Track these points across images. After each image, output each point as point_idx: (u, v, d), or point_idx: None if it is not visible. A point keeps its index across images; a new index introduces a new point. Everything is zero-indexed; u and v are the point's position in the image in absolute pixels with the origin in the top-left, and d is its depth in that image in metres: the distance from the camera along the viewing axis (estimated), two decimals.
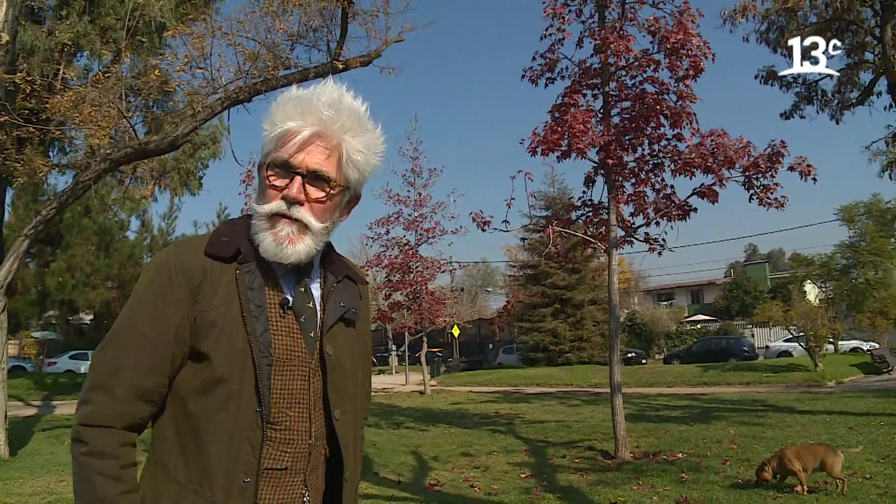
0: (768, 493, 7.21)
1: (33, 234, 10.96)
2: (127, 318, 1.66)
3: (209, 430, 1.63)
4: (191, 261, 1.67)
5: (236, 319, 1.65)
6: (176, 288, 1.64)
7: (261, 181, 1.74)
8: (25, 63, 10.89)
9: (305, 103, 1.67)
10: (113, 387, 1.60)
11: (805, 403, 16.00)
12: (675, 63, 9.99)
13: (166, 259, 1.68)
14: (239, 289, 1.67)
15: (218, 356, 1.63)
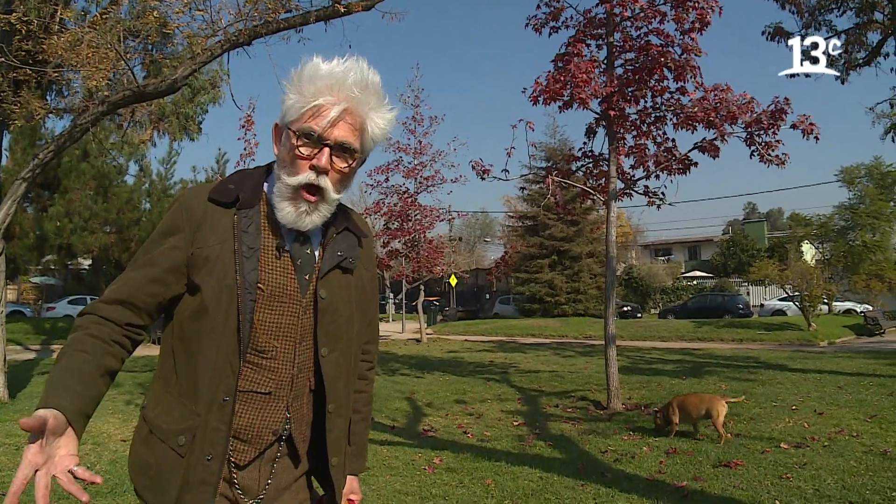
0: (756, 447, 7.32)
1: (31, 177, 10.90)
2: (143, 246, 1.91)
3: (198, 353, 1.81)
4: (195, 203, 1.85)
5: (228, 257, 1.81)
6: (180, 225, 1.85)
7: (289, 149, 1.83)
8: (22, 4, 10.73)
9: (337, 82, 1.79)
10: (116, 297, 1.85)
11: (797, 362, 16.12)
12: (682, 15, 9.89)
13: (179, 199, 1.91)
14: (235, 231, 1.83)
15: (207, 288, 1.81)
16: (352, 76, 1.81)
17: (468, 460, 7.01)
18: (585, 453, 7.38)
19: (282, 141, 1.86)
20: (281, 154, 1.86)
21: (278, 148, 1.88)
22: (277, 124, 1.89)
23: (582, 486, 5.95)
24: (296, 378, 1.92)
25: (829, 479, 5.98)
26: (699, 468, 6.55)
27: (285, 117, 1.84)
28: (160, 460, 1.81)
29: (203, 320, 1.81)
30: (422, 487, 6.04)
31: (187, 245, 1.82)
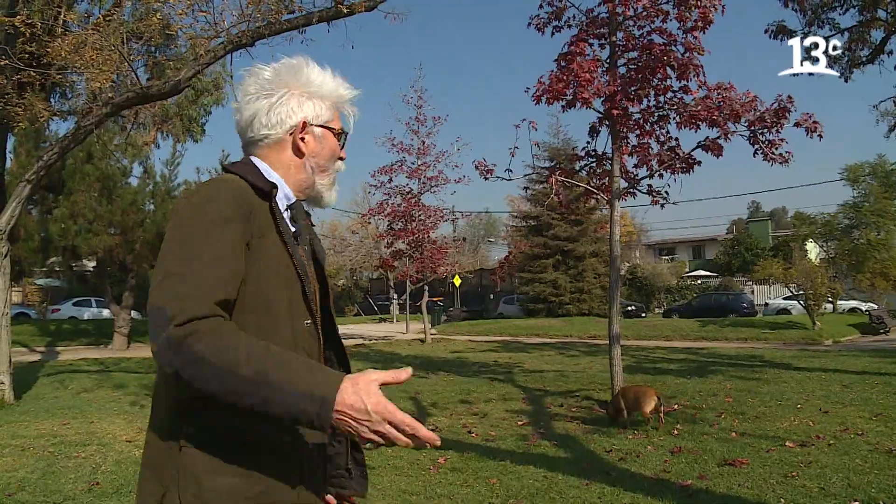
0: (761, 445, 7.31)
1: (35, 179, 10.93)
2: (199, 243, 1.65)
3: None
4: (244, 193, 1.79)
5: (278, 246, 1.82)
6: (235, 214, 1.73)
7: (333, 143, 2.04)
8: (25, 7, 10.76)
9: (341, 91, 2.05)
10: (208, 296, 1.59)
11: (802, 360, 16.09)
12: (684, 14, 9.87)
13: (223, 189, 1.77)
14: (276, 220, 1.85)
15: (270, 278, 1.79)
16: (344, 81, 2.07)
17: (473, 460, 7.02)
18: (590, 452, 7.38)
19: (316, 135, 2.00)
20: (318, 147, 2.01)
21: (314, 141, 2.00)
22: (306, 120, 1.98)
23: (587, 485, 5.95)
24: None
25: (834, 477, 5.97)
26: (704, 467, 6.54)
27: (319, 117, 2.00)
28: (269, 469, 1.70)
29: (262, 313, 1.75)
30: (427, 487, 6.05)
31: (247, 234, 1.74)
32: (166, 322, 1.52)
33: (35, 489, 5.97)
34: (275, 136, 1.95)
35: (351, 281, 67.42)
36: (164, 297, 1.57)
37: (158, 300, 1.58)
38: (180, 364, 1.53)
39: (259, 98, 1.95)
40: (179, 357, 1.52)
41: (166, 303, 1.55)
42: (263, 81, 1.96)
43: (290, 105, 1.95)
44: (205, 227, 1.67)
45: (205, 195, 1.75)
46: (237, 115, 1.99)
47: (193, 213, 1.71)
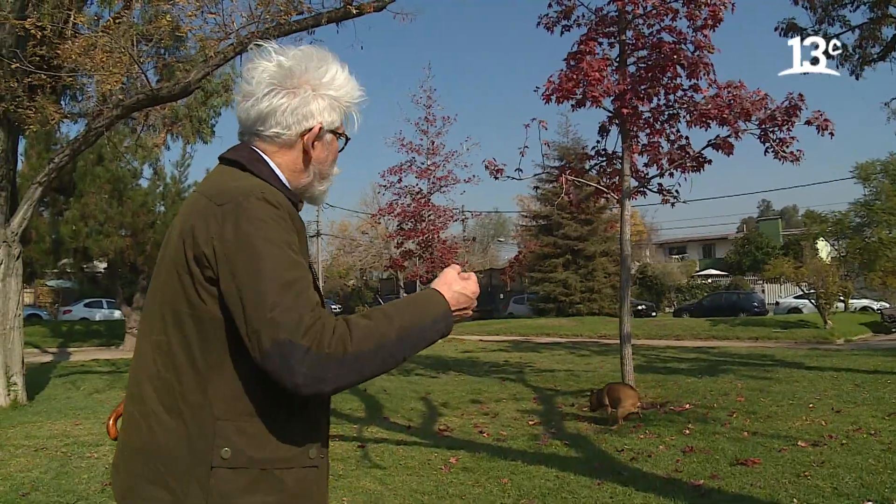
0: (773, 445, 7.28)
1: (46, 181, 10.98)
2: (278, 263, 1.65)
3: None
4: (290, 207, 1.79)
5: (308, 257, 1.82)
6: (292, 230, 1.74)
7: (333, 149, 1.99)
8: (35, 10, 10.80)
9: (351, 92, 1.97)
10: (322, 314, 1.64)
11: (813, 360, 16.02)
12: (694, 12, 9.85)
13: (278, 206, 1.73)
14: (298, 232, 1.79)
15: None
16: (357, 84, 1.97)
17: (484, 460, 7.01)
18: (601, 452, 7.37)
19: (326, 141, 1.95)
20: (325, 154, 1.97)
21: (322, 148, 1.95)
22: (322, 126, 1.90)
23: (598, 485, 5.94)
24: None
25: (847, 477, 5.94)
26: (716, 466, 6.52)
27: (332, 124, 1.93)
28: (297, 486, 1.74)
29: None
30: (438, 487, 6.05)
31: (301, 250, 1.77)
32: (305, 353, 1.55)
33: (48, 489, 6.00)
34: (286, 137, 1.87)
35: (361, 281, 67.47)
36: (283, 331, 1.56)
37: (282, 334, 1.56)
38: (347, 373, 1.61)
39: (279, 93, 1.84)
40: (346, 368, 1.60)
41: (292, 335, 1.56)
42: (286, 73, 1.86)
43: (311, 108, 1.87)
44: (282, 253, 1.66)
45: (264, 216, 1.69)
46: (248, 101, 1.87)
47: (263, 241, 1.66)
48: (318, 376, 1.57)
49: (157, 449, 1.71)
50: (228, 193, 1.72)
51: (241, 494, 1.65)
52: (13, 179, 11.24)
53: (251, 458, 1.67)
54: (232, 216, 1.67)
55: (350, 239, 61.67)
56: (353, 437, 8.35)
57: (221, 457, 1.65)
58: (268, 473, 1.68)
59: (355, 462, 7.04)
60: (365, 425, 9.07)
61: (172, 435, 1.70)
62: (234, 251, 1.64)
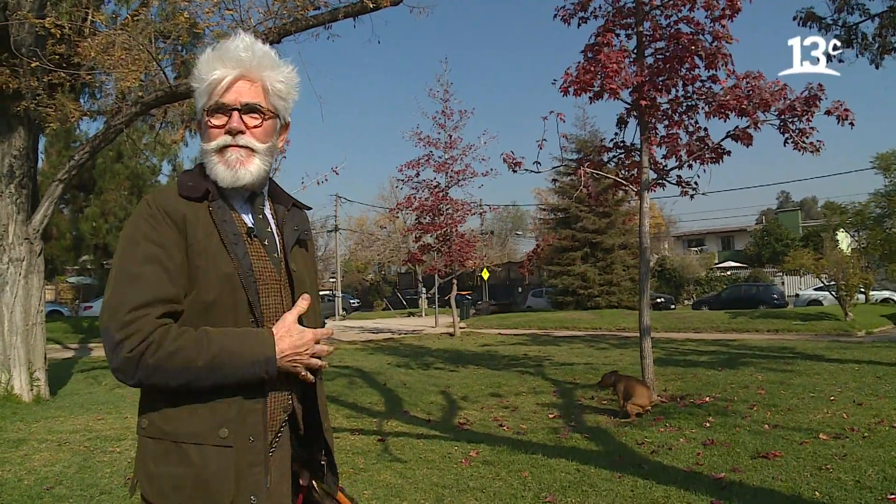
0: (794, 437, 7.25)
1: (67, 178, 11.06)
2: (128, 257, 1.86)
3: None
4: (172, 203, 1.91)
5: (219, 248, 1.92)
6: (165, 227, 1.88)
7: (203, 127, 2.02)
8: (54, 9, 10.87)
9: (223, 53, 1.98)
10: (143, 313, 1.79)
11: (834, 352, 15.91)
12: (712, 2, 9.77)
13: (148, 205, 1.91)
14: (215, 222, 1.94)
15: (209, 282, 1.89)
16: (239, 45, 1.98)
17: (504, 453, 7.02)
18: (622, 445, 7.36)
19: (202, 128, 2.03)
20: (203, 136, 2.03)
21: (203, 136, 2.03)
22: (199, 121, 2.03)
23: (619, 478, 5.94)
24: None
25: (869, 470, 5.91)
26: (737, 459, 6.50)
27: (197, 106, 2.03)
28: (203, 463, 1.83)
29: (211, 314, 1.89)
30: (459, 480, 6.06)
31: (182, 243, 1.88)
32: (115, 346, 1.77)
33: (72, 483, 6.06)
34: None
35: (379, 275, 67.63)
36: (107, 319, 1.80)
37: (102, 322, 1.82)
38: (143, 378, 1.82)
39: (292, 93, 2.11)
40: (142, 373, 1.78)
41: (111, 326, 1.79)
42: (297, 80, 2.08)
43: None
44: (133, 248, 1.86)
45: (133, 218, 1.92)
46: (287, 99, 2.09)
47: (123, 238, 1.90)
48: (121, 369, 1.79)
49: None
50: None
51: (154, 462, 1.86)
52: (34, 177, 11.33)
53: (161, 429, 1.86)
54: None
55: (368, 233, 61.75)
56: (374, 430, 8.38)
57: (141, 426, 1.91)
58: (178, 447, 1.84)
59: (376, 456, 7.06)
60: (385, 419, 9.09)
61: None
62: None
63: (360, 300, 60.55)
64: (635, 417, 8.65)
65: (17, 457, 7.02)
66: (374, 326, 34.77)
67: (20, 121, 10.74)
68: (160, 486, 1.84)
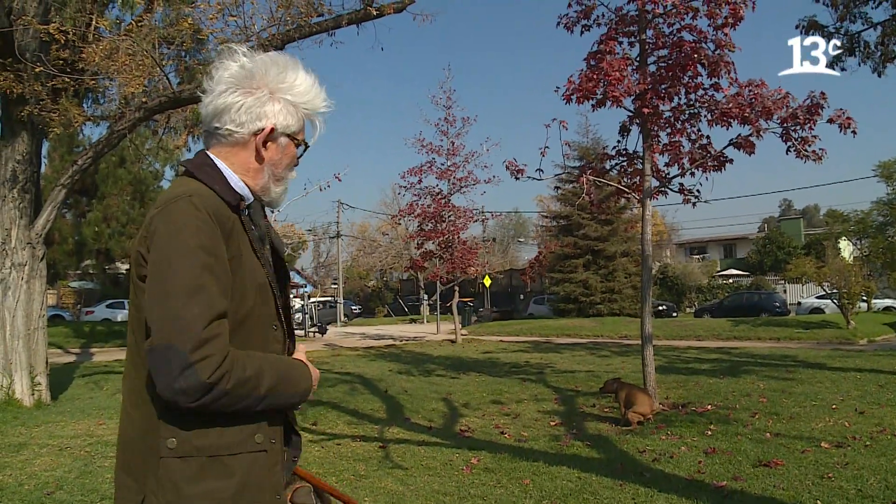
0: (796, 446, 7.23)
1: (70, 183, 11.08)
2: (187, 266, 1.73)
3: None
4: (220, 210, 1.85)
5: (252, 257, 1.91)
6: (216, 235, 1.80)
7: (293, 154, 2.06)
8: (58, 14, 10.90)
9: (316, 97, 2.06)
10: (217, 332, 1.71)
11: (836, 360, 15.89)
12: (714, 10, 9.78)
13: (197, 209, 1.80)
14: (247, 231, 1.93)
15: (247, 292, 1.87)
16: (323, 93, 2.06)
17: (506, 460, 7.02)
18: (623, 453, 7.35)
19: (280, 144, 2.01)
20: (278, 156, 2.02)
21: (277, 149, 2.01)
22: (275, 128, 1.97)
23: (621, 486, 5.93)
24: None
25: (871, 479, 5.90)
26: (739, 468, 6.49)
27: (289, 128, 2.01)
28: (246, 471, 1.82)
29: (246, 323, 1.87)
30: (460, 487, 6.05)
31: (226, 253, 1.83)
32: (187, 366, 1.64)
33: (73, 488, 6.05)
34: (238, 136, 1.96)
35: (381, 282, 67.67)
36: (174, 335, 1.67)
37: (165, 336, 1.67)
38: (209, 402, 1.68)
39: (235, 91, 1.94)
40: (210, 398, 1.68)
41: (182, 345, 1.65)
42: (243, 74, 1.95)
43: (265, 108, 1.96)
44: (193, 257, 1.74)
45: (183, 221, 1.78)
46: (207, 97, 1.97)
47: (178, 244, 1.75)
48: (189, 392, 1.65)
49: (127, 441, 1.88)
50: (165, 197, 1.85)
51: (190, 482, 1.74)
52: (37, 182, 11.35)
53: (195, 446, 1.76)
54: (160, 218, 1.79)
55: (370, 240, 61.83)
56: (375, 437, 8.37)
57: (168, 447, 1.76)
58: (215, 460, 1.77)
59: (377, 462, 7.06)
60: (386, 426, 9.09)
61: (135, 427, 1.85)
62: (153, 253, 1.76)
63: (361, 306, 60.57)
64: (637, 425, 8.63)
65: (17, 461, 7.02)
66: (376, 333, 34.76)
67: (24, 125, 10.77)
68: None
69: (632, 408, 8.72)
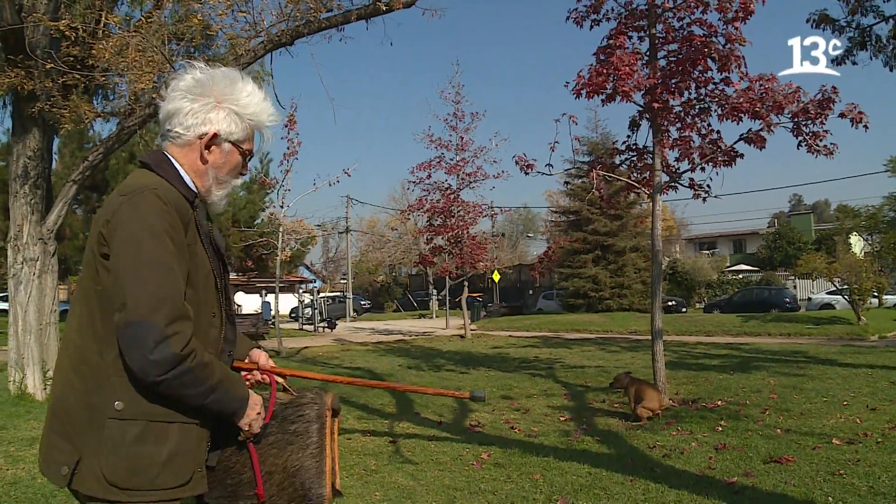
0: (807, 442, 7.21)
1: (80, 179, 11.11)
2: (157, 248, 1.92)
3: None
4: (180, 203, 2.05)
5: (201, 248, 2.10)
6: (178, 225, 2.00)
7: (236, 161, 2.26)
8: (67, 11, 10.92)
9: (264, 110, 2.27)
10: (187, 311, 1.94)
11: (847, 356, 15.83)
12: (725, 4, 9.73)
13: (161, 201, 1.99)
14: (198, 224, 2.12)
15: (198, 280, 2.07)
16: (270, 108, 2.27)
17: (516, 455, 7.02)
18: (634, 449, 7.34)
19: (223, 149, 2.20)
20: (222, 160, 2.21)
21: (220, 154, 2.21)
22: (217, 133, 2.17)
23: (631, 482, 5.93)
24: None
25: (883, 475, 5.88)
26: (749, 464, 6.48)
27: (232, 135, 2.20)
28: (179, 440, 2.00)
29: (194, 307, 2.01)
30: (470, 482, 6.06)
31: (185, 243, 2.02)
32: (162, 338, 1.84)
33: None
34: (186, 138, 2.17)
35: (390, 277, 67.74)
36: (149, 310, 1.85)
37: (141, 310, 1.85)
38: (175, 376, 1.87)
39: (184, 98, 2.15)
40: (178, 371, 1.87)
41: (157, 318, 1.85)
42: (194, 84, 2.16)
43: (209, 115, 2.15)
44: (161, 240, 1.93)
45: (150, 209, 1.96)
46: (163, 102, 2.19)
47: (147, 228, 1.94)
48: (160, 363, 1.84)
49: (64, 405, 2.02)
50: (130, 187, 2.02)
51: (132, 444, 1.92)
52: (48, 178, 11.39)
53: (140, 410, 1.93)
54: (127, 204, 1.96)
55: (379, 235, 61.91)
56: (385, 432, 8.39)
57: (115, 409, 1.92)
58: (155, 425, 1.94)
59: (387, 457, 7.07)
60: (396, 421, 9.10)
61: (76, 392, 1.99)
62: (120, 232, 1.92)
63: (370, 301, 60.65)
64: (646, 421, 8.62)
65: (30, 455, 7.06)
66: (385, 328, 34.80)
67: (35, 122, 10.80)
68: (134, 465, 1.91)
69: (641, 403, 8.71)
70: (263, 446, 2.25)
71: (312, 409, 2.34)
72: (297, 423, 2.31)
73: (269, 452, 2.26)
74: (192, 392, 1.93)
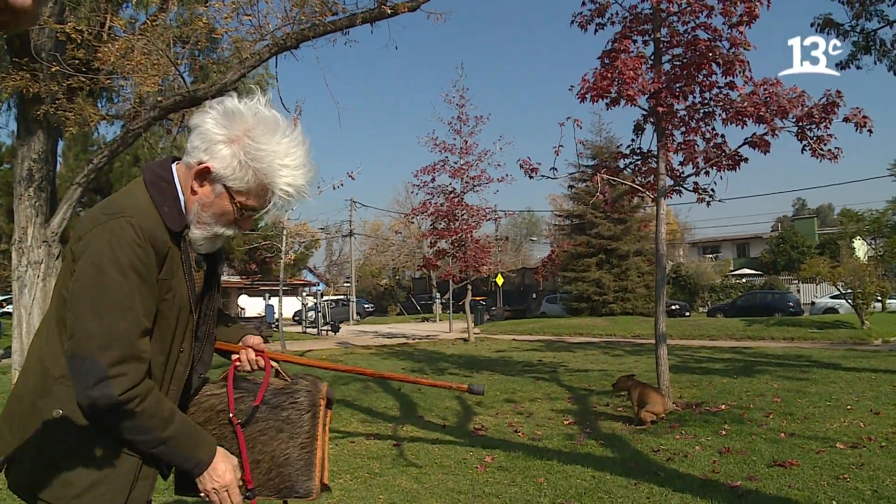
0: (811, 446, 7.21)
1: (85, 182, 11.14)
2: (116, 284, 1.81)
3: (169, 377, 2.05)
4: (158, 235, 1.90)
5: (181, 281, 1.99)
6: (150, 260, 1.87)
7: (224, 208, 2.00)
8: (72, 14, 10.96)
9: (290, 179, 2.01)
10: (140, 352, 1.84)
11: (850, 360, 15.80)
12: (729, 9, 9.74)
13: (135, 233, 1.85)
14: (182, 257, 1.99)
15: (172, 311, 1.97)
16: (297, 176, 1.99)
17: (520, 459, 7.02)
18: (637, 452, 7.34)
19: (215, 190, 1.97)
20: (209, 199, 1.98)
21: (210, 192, 1.98)
22: (210, 169, 1.95)
23: (635, 485, 5.92)
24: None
25: (887, 480, 5.87)
26: (753, 468, 6.47)
27: (227, 179, 1.95)
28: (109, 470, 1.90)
29: (159, 342, 1.96)
30: (474, 486, 6.06)
31: (156, 277, 1.90)
32: (101, 379, 1.75)
33: None
34: (189, 159, 1.99)
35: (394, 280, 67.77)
36: (94, 348, 1.77)
37: (84, 348, 1.78)
38: (116, 419, 1.80)
39: (211, 118, 1.96)
40: (118, 415, 1.80)
41: (101, 358, 1.77)
42: (230, 110, 1.96)
43: (215, 146, 1.94)
44: (124, 276, 1.82)
45: (120, 240, 1.83)
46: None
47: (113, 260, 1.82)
48: (98, 404, 1.77)
49: (16, 397, 1.99)
50: (111, 208, 1.90)
51: (61, 456, 1.87)
52: (53, 180, 11.42)
53: (77, 425, 1.86)
54: (99, 229, 1.84)
55: (383, 238, 61.91)
56: (389, 435, 8.39)
57: (53, 416, 1.88)
58: (88, 445, 1.87)
59: (391, 460, 7.07)
60: (400, 424, 9.10)
61: (28, 387, 1.96)
62: (87, 257, 1.82)
63: (374, 305, 60.71)
64: (650, 425, 8.62)
65: None
66: (389, 331, 34.80)
67: (40, 124, 10.83)
68: (54, 478, 1.86)
69: (644, 407, 8.71)
70: (252, 432, 2.19)
71: (306, 397, 2.27)
72: (290, 410, 2.24)
73: (258, 439, 2.19)
74: (133, 438, 1.85)
